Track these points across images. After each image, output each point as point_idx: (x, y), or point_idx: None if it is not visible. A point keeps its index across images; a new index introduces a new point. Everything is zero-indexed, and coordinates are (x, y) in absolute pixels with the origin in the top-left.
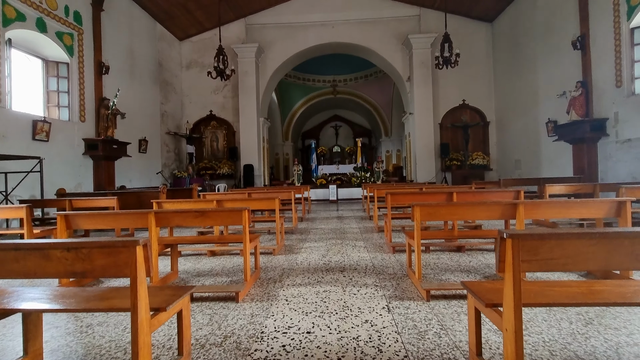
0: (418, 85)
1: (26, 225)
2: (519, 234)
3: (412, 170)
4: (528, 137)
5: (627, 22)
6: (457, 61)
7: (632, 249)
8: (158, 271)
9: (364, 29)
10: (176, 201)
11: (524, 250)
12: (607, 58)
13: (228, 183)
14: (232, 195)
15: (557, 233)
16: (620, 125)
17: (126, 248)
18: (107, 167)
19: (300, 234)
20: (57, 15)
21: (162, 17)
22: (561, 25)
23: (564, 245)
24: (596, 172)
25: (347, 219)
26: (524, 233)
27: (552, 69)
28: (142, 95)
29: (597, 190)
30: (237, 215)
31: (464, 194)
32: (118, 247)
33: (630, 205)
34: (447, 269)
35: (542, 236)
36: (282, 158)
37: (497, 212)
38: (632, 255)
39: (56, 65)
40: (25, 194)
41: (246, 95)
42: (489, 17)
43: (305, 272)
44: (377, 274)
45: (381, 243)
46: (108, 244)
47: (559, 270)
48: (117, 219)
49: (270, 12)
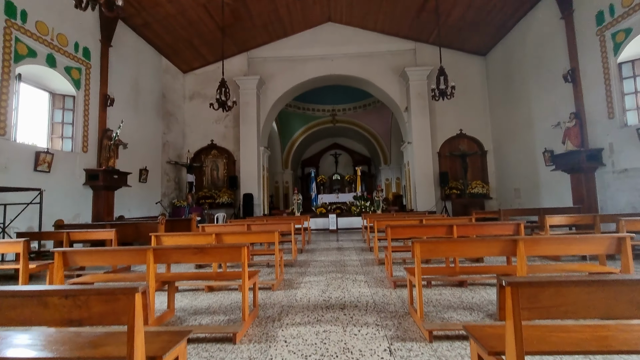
0: (416, 115)
1: (22, 261)
2: (518, 281)
3: (412, 199)
4: (526, 166)
5: (614, 57)
6: (452, 93)
7: (632, 297)
8: (154, 310)
9: (362, 62)
10: (175, 235)
11: (523, 298)
12: (597, 91)
13: (227, 212)
14: (232, 227)
15: (556, 281)
16: (616, 155)
17: (125, 295)
18: (107, 197)
19: (299, 267)
20: (66, 51)
21: (167, 52)
22: (551, 59)
23: (563, 292)
24: (595, 201)
25: (347, 250)
26: (523, 281)
27: (546, 100)
28: (144, 125)
29: (597, 221)
30: (236, 252)
31: (464, 227)
32: (116, 295)
33: (630, 242)
34: (450, 306)
35: (541, 284)
36: (281, 186)
37: (497, 249)
38: (632, 303)
39: (62, 98)
40: (23, 226)
41: (247, 125)
42: (482, 51)
43: (304, 310)
44: (378, 311)
45: (382, 277)
46: (106, 291)
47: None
48: (115, 255)
49: (272, 46)
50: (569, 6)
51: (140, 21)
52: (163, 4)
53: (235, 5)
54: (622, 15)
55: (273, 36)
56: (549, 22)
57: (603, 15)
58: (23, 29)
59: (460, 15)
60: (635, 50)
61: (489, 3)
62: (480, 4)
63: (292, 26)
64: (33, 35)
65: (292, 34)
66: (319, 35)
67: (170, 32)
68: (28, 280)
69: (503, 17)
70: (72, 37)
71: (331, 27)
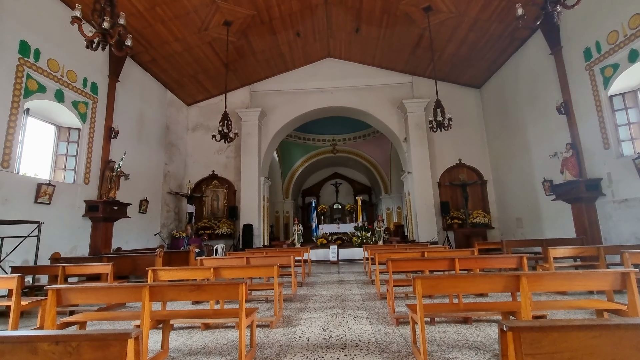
0: (414, 145)
1: (14, 298)
2: (520, 326)
3: (413, 229)
4: (526, 196)
5: (605, 90)
6: (450, 125)
7: (637, 342)
8: (147, 350)
9: (361, 95)
10: (172, 269)
11: (526, 343)
12: (591, 122)
13: (227, 243)
14: (230, 261)
15: (559, 325)
16: (615, 185)
17: (117, 341)
18: (105, 229)
19: (299, 302)
20: (75, 87)
21: (172, 86)
22: (544, 92)
23: (566, 337)
24: (598, 232)
25: (348, 284)
26: (525, 325)
27: (541, 131)
28: (147, 157)
29: (601, 252)
30: (233, 289)
31: (467, 260)
32: (109, 340)
33: (634, 277)
34: (454, 345)
35: (543, 328)
36: (282, 216)
37: (500, 285)
38: (637, 349)
39: (68, 131)
40: (19, 259)
41: (248, 156)
42: (476, 84)
43: (304, 350)
44: (380, 351)
45: (384, 313)
46: (98, 336)
47: None
48: (110, 293)
49: (273, 80)
50: (557, 43)
51: (147, 58)
52: (170, 42)
53: (240, 42)
54: (608, 51)
55: (275, 71)
56: (539, 57)
57: (590, 51)
58: (35, 66)
59: (454, 51)
60: (624, 84)
61: (481, 40)
62: (472, 41)
63: (294, 61)
64: (44, 72)
65: (293, 68)
66: (319, 69)
67: (176, 68)
68: (19, 318)
69: (495, 53)
70: (82, 73)
71: (331, 62)
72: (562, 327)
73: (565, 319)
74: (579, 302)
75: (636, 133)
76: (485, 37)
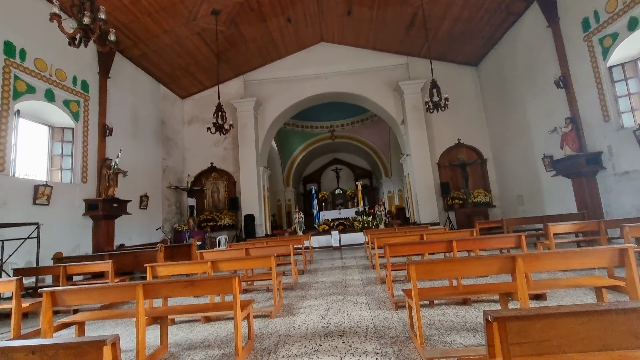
0: (413, 127)
1: (14, 301)
2: (505, 316)
3: (414, 211)
4: (527, 173)
5: (604, 61)
6: (446, 105)
7: (628, 326)
8: (145, 347)
9: (356, 79)
10: (170, 264)
11: (512, 333)
12: (590, 95)
13: (229, 234)
14: (230, 253)
15: (546, 313)
16: (616, 158)
17: (93, 349)
18: (107, 226)
19: (300, 290)
20: (65, 85)
21: (165, 80)
22: (542, 66)
23: (554, 325)
24: (600, 205)
25: (350, 269)
26: (511, 315)
27: (540, 106)
28: (144, 152)
29: (602, 227)
30: (226, 283)
31: (465, 241)
32: (84, 348)
33: (633, 253)
34: (453, 328)
35: (530, 317)
36: (284, 204)
37: (496, 267)
38: (629, 333)
39: (61, 131)
40: (22, 260)
41: (246, 147)
42: (473, 61)
43: (302, 339)
44: (378, 337)
45: (384, 297)
46: (74, 345)
47: (554, 353)
48: (104, 293)
49: (267, 68)
50: (554, 15)
51: (137, 52)
52: (159, 35)
53: (229, 31)
54: (607, 20)
55: (267, 59)
56: (536, 30)
57: (589, 21)
58: (22, 66)
59: (449, 28)
60: (624, 54)
61: (476, 15)
62: (467, 17)
63: (286, 48)
64: (32, 72)
65: (286, 55)
66: (312, 55)
67: (167, 61)
68: (21, 320)
69: (491, 29)
70: (71, 72)
71: (324, 47)
72: (549, 314)
73: (553, 306)
74: (578, 279)
75: (636, 104)
76: (480, 12)
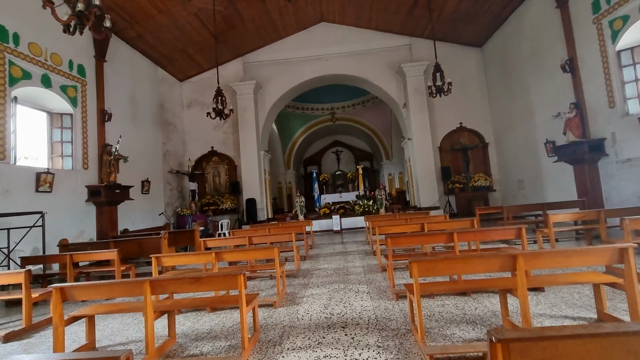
0: (414, 111)
1: (24, 291)
2: (509, 337)
3: (415, 195)
4: (528, 158)
5: (613, 45)
6: (449, 89)
7: (628, 347)
8: (154, 341)
9: (357, 60)
10: (175, 255)
11: (515, 352)
12: (597, 80)
13: (231, 218)
14: (233, 241)
15: (548, 335)
16: (619, 144)
17: None
18: (110, 212)
19: (303, 277)
20: (61, 70)
21: (163, 62)
22: (548, 49)
23: (556, 345)
24: (600, 192)
25: (351, 255)
26: (514, 337)
27: (544, 90)
28: (144, 137)
29: (602, 216)
30: (232, 280)
31: (466, 233)
32: None
33: (633, 252)
34: (452, 320)
35: (532, 338)
36: (285, 187)
37: (497, 265)
38: (630, 353)
39: (60, 117)
40: (29, 248)
41: (246, 130)
42: (478, 42)
43: (306, 331)
44: (379, 329)
45: (385, 286)
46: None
47: None
48: (113, 289)
49: (266, 50)
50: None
51: (133, 34)
52: (154, 15)
53: (227, 12)
54: (618, 2)
55: (267, 40)
56: (544, 11)
57: (599, 2)
58: (16, 52)
59: (454, 7)
60: (633, 38)
61: None
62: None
63: (286, 28)
64: (27, 57)
65: (285, 36)
66: (312, 36)
67: (164, 43)
68: (32, 310)
69: (497, 8)
70: (66, 56)
71: (324, 27)
72: (551, 336)
73: (556, 327)
74: (577, 275)
75: None
76: None
